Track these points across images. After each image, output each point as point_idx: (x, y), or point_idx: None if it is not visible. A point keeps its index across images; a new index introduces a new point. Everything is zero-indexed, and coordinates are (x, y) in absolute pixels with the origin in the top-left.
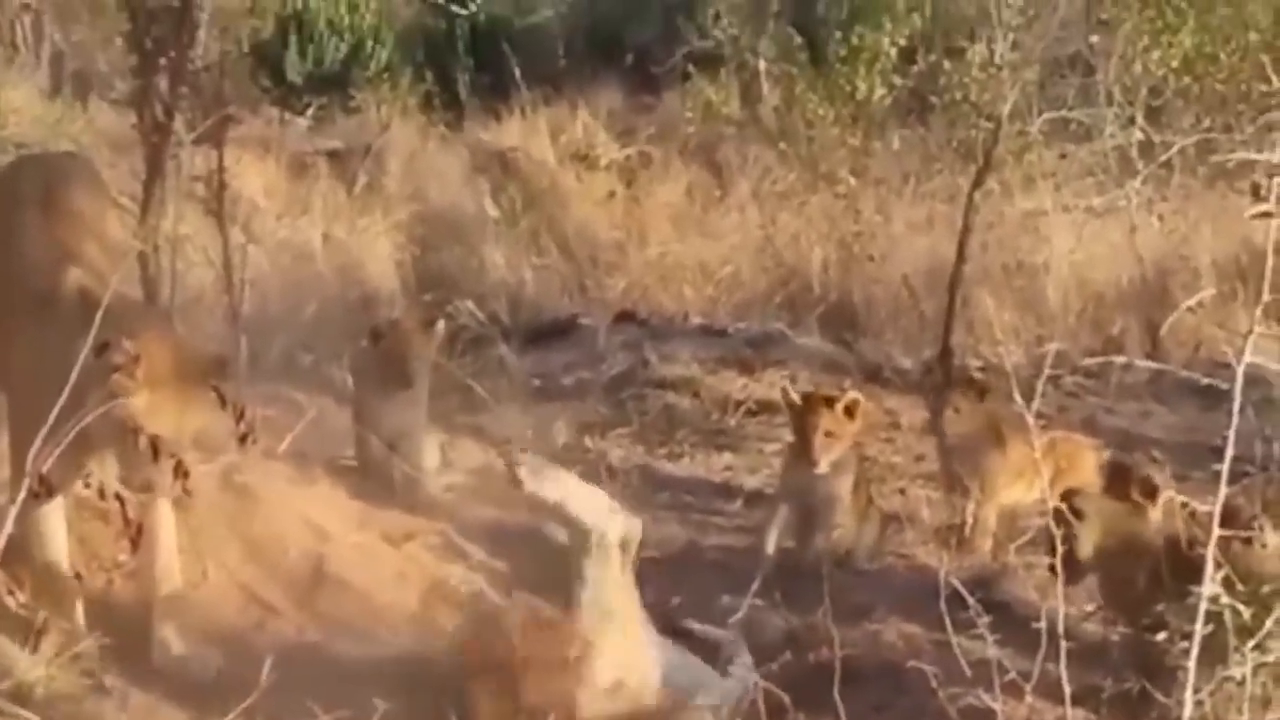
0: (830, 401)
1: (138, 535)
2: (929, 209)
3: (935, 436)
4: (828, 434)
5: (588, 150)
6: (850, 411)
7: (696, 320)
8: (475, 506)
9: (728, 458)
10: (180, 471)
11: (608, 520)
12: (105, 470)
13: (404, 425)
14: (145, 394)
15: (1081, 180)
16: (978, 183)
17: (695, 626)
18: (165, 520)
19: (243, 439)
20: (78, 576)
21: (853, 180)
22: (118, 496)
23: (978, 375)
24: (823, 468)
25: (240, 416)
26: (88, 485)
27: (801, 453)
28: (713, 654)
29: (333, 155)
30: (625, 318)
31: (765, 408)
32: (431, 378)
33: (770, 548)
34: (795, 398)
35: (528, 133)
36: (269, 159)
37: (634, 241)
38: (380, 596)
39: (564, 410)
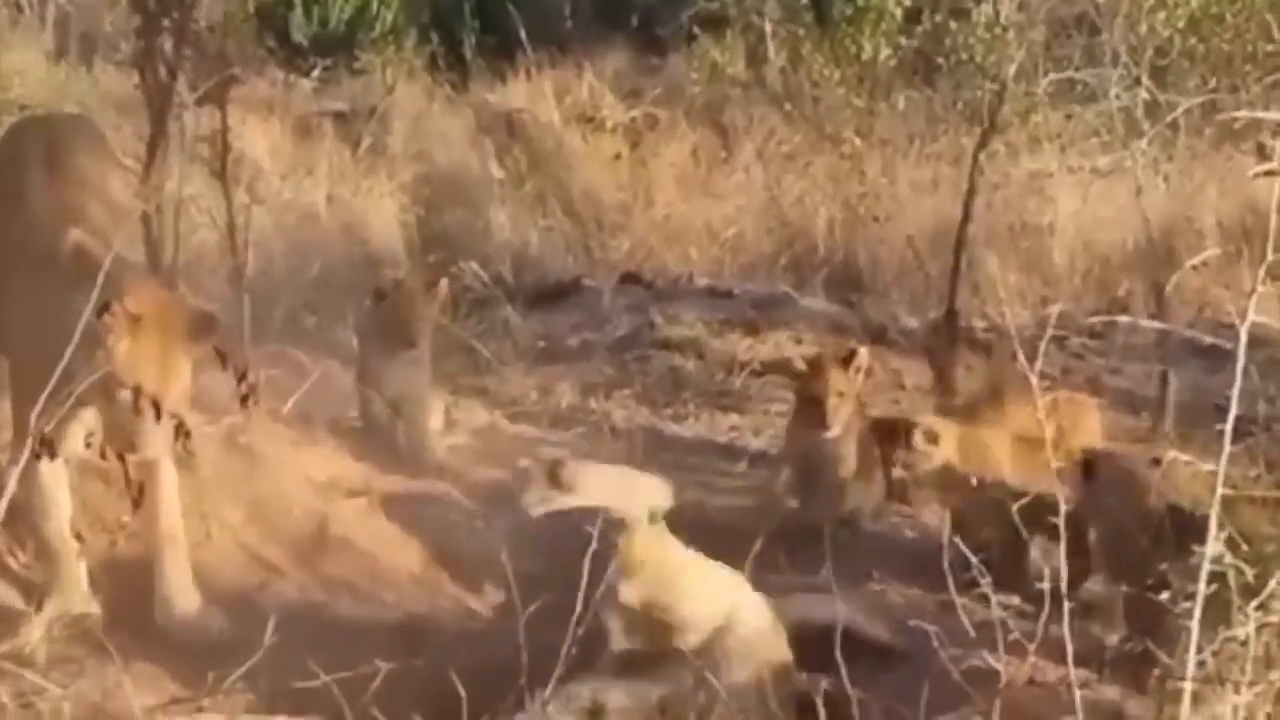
0: (842, 362)
1: (140, 496)
2: (934, 170)
3: (941, 397)
4: (839, 394)
5: (593, 112)
6: (859, 370)
7: (702, 281)
8: (479, 467)
9: (733, 419)
10: (182, 432)
11: (640, 500)
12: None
13: (408, 386)
14: (128, 346)
15: (1087, 141)
16: (983, 144)
17: None
18: (167, 480)
19: (245, 399)
20: (79, 538)
21: (858, 141)
22: (120, 457)
23: (981, 336)
24: (835, 430)
25: (242, 377)
26: (89, 445)
27: (810, 415)
28: None
29: (338, 116)
30: (630, 279)
31: (770, 369)
32: (435, 339)
33: (775, 508)
34: (801, 364)
35: (533, 94)
36: (274, 120)
37: (639, 203)
38: (383, 557)
39: (568, 372)
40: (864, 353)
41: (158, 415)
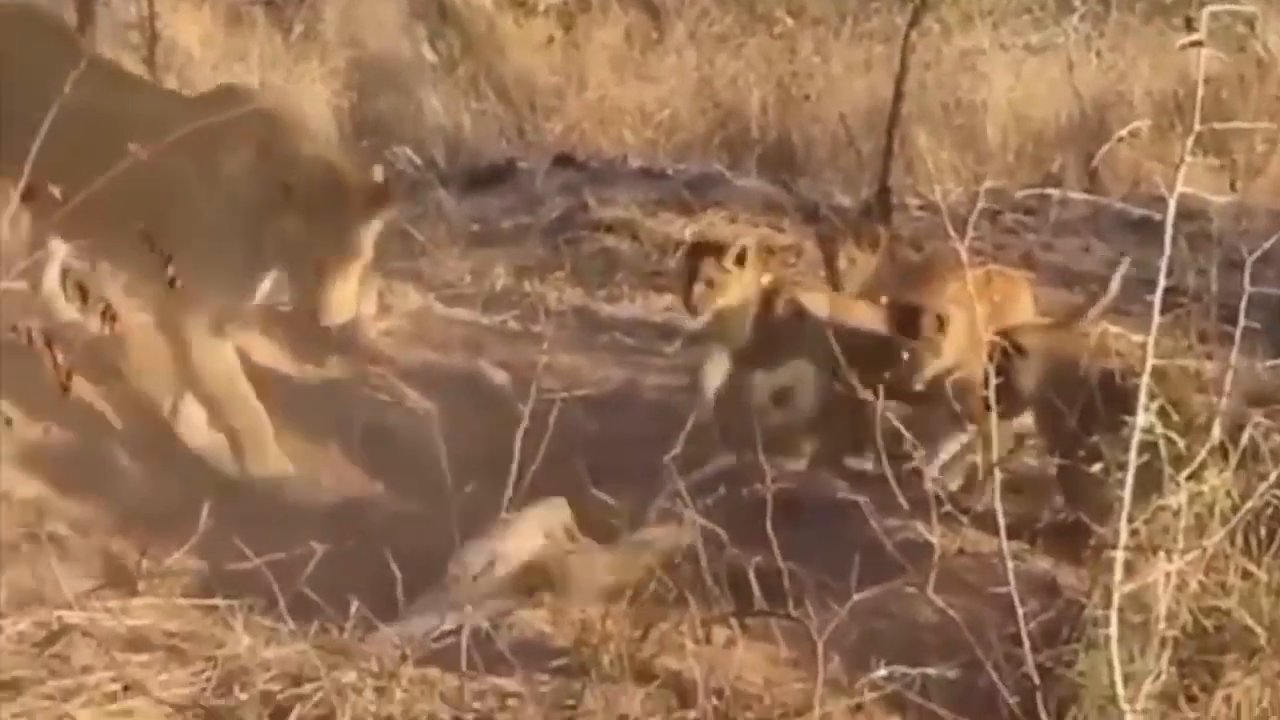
0: (717, 249)
1: (68, 382)
2: (867, 49)
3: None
4: (708, 283)
5: None
6: (741, 259)
7: (635, 163)
8: (413, 350)
9: (667, 299)
10: (109, 315)
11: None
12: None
13: None
14: None
15: (1019, 18)
16: (914, 22)
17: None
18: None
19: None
20: (8, 422)
21: (790, 21)
22: (48, 344)
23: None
24: (703, 317)
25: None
26: (14, 330)
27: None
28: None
29: (269, 3)
30: (564, 161)
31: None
32: None
33: (707, 387)
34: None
35: None
36: (205, 7)
37: (572, 85)
38: (320, 440)
39: (502, 254)
40: (746, 242)
41: (84, 298)
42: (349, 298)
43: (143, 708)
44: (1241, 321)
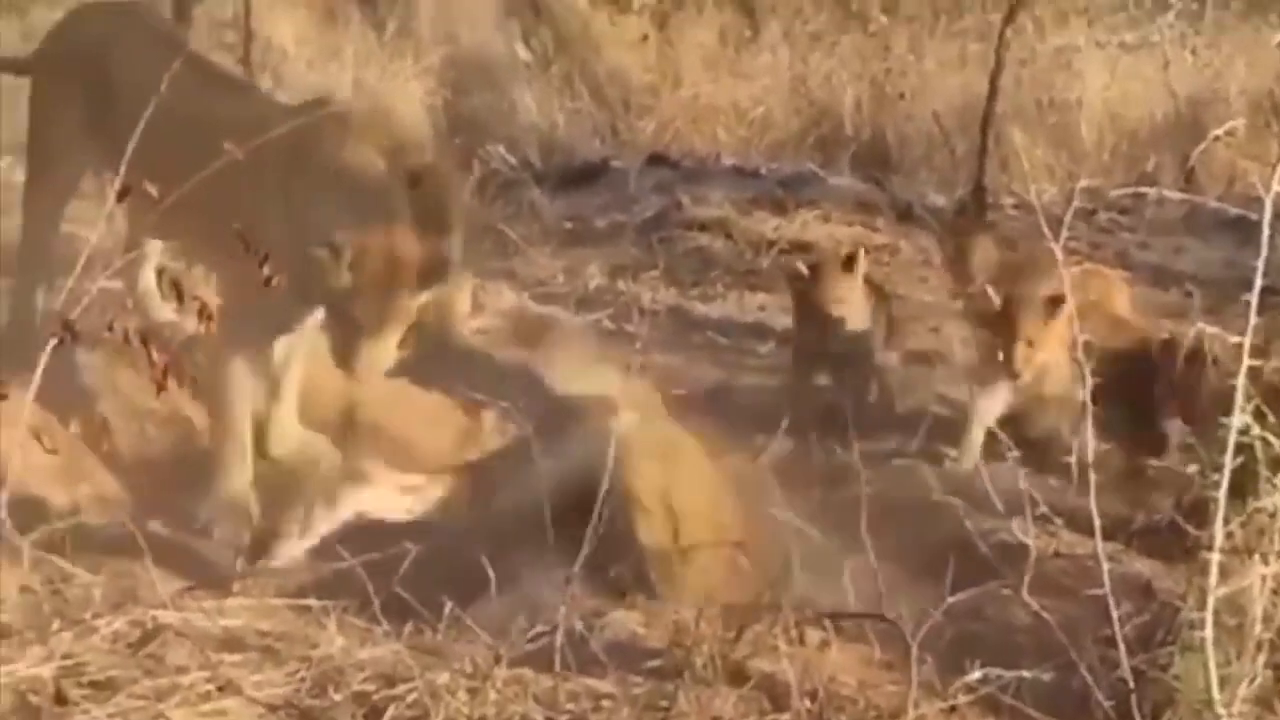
0: (846, 264)
1: (164, 380)
2: (961, 46)
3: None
4: (838, 300)
5: None
6: (850, 263)
7: (729, 161)
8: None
9: (760, 298)
10: (204, 314)
11: None
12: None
13: None
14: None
15: (1114, 15)
16: (1009, 19)
17: None
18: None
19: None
20: (105, 426)
21: (884, 18)
22: (144, 342)
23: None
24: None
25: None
26: (110, 329)
27: (811, 321)
28: None
29: (364, 1)
30: (657, 160)
31: (798, 248)
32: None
33: (803, 387)
34: (803, 269)
35: None
36: (299, 5)
37: (666, 84)
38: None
39: (596, 253)
40: (861, 254)
41: (179, 297)
42: (385, 354)
43: (236, 708)
44: None
